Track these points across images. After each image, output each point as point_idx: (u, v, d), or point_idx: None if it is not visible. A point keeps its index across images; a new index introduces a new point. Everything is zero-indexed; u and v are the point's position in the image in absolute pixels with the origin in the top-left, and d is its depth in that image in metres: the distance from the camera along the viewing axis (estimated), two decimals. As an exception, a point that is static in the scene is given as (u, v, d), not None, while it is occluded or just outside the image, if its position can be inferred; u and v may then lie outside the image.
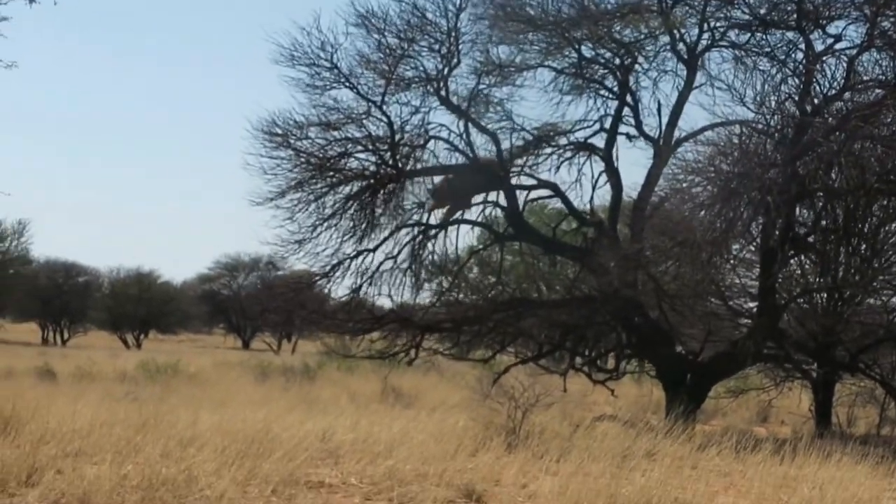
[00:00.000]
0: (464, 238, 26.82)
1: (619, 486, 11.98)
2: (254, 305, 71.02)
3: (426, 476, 12.33)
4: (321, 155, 22.70)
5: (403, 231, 23.44)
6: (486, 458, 13.80)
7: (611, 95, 23.91)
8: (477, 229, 24.60)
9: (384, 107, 22.72)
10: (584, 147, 24.08)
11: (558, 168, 24.05)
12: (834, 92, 21.19)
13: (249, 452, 12.46)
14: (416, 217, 23.71)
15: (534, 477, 12.87)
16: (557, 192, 23.96)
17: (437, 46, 22.78)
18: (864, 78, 21.43)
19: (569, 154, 24.09)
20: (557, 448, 15.06)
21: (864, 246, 23.80)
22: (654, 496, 11.74)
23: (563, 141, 24.19)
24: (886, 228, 23.86)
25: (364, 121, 22.84)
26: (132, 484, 10.53)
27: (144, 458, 11.59)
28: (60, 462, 11.70)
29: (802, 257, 23.14)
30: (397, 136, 22.80)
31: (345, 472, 12.48)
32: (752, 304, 23.69)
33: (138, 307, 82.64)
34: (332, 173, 22.75)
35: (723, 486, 13.91)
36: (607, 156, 23.65)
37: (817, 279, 23.32)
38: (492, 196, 23.78)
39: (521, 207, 23.90)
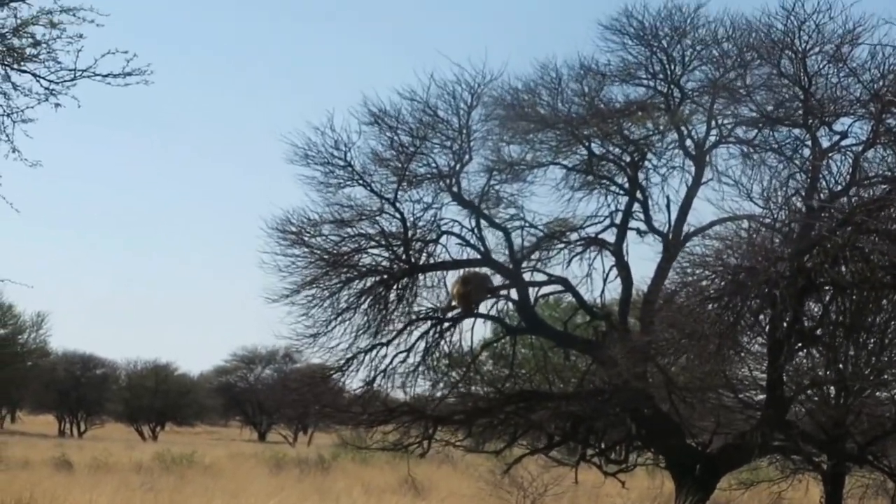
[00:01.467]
0: (477, 332, 27.07)
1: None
2: (270, 398, 71.25)
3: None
4: (335, 251, 23.09)
5: (416, 325, 23.71)
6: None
7: (621, 191, 24.20)
8: (489, 323, 24.78)
9: (397, 203, 23.09)
10: (595, 242, 24.35)
11: (569, 263, 24.33)
12: (840, 187, 21.49)
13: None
14: (429, 312, 23.96)
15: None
16: (568, 286, 24.24)
17: (448, 143, 23.20)
18: (870, 174, 21.78)
19: (580, 249, 24.36)
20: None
21: (872, 340, 24.04)
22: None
23: (574, 236, 24.47)
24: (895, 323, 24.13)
25: (377, 217, 23.21)
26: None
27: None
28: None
29: (810, 350, 23.33)
30: (410, 232, 23.16)
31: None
32: (762, 397, 23.87)
33: (155, 399, 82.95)
34: (345, 269, 23.09)
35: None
36: (618, 250, 23.93)
37: (826, 372, 23.50)
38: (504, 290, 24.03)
39: (532, 302, 24.17)
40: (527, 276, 24.03)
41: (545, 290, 24.75)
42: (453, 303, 23.55)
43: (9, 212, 19.46)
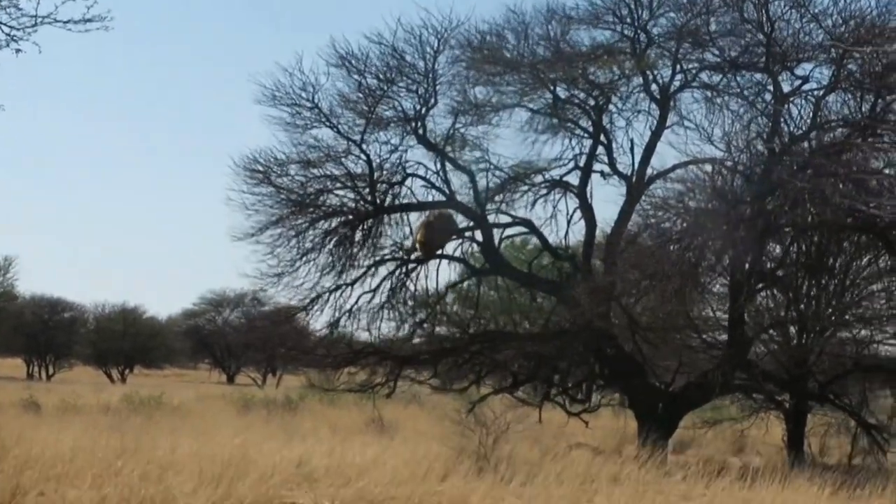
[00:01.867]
0: (443, 273, 27.33)
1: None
2: (237, 340, 71.38)
3: (396, 498, 12.88)
4: (301, 192, 23.27)
5: (381, 266, 23.94)
6: (456, 482, 14.37)
7: (585, 135, 24.46)
8: (455, 264, 25.00)
9: (363, 145, 23.31)
10: (560, 185, 24.62)
11: (534, 205, 24.62)
12: (801, 131, 21.84)
13: (226, 475, 13.01)
14: (394, 253, 24.20)
15: (500, 499, 13.40)
16: (532, 228, 24.55)
17: (415, 87, 23.38)
18: (830, 118, 22.12)
19: (544, 191, 24.63)
20: (526, 473, 15.61)
21: (833, 281, 24.42)
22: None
23: (538, 179, 24.75)
24: (857, 263, 24.51)
25: (343, 159, 23.43)
26: (111, 504, 11.10)
27: (123, 481, 12.13)
28: (43, 485, 12.25)
29: (771, 291, 23.68)
30: (376, 174, 23.37)
31: (318, 495, 13.05)
32: (724, 337, 24.20)
33: (123, 342, 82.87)
34: (311, 209, 23.28)
35: (686, 511, 14.49)
36: (581, 193, 24.18)
37: (787, 312, 23.86)
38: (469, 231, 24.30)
39: (497, 243, 24.43)
40: (491, 218, 24.31)
41: (510, 231, 25.07)
42: (416, 247, 23.73)
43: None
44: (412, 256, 24.06)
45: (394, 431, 25.95)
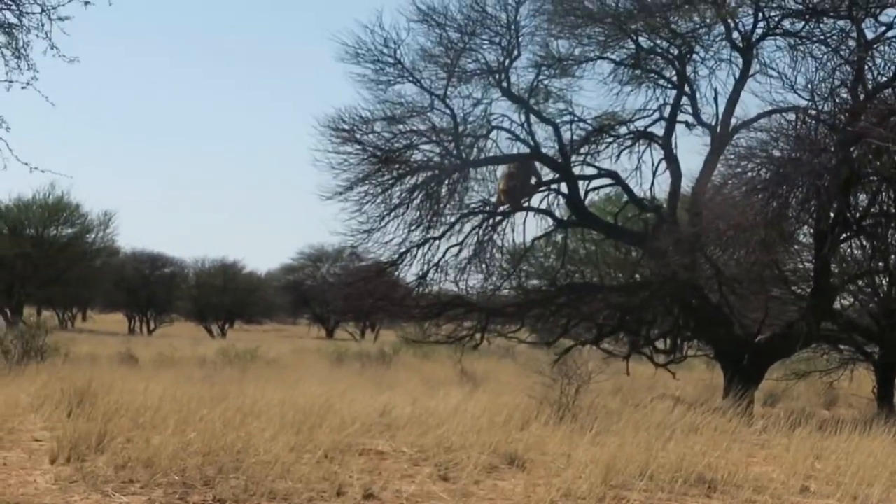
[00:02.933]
0: (529, 225, 27.54)
1: (655, 455, 12.83)
2: (330, 295, 72.07)
3: (474, 445, 13.22)
4: (387, 148, 23.38)
5: (468, 219, 24.15)
6: (535, 430, 14.72)
7: (669, 85, 24.53)
8: (541, 216, 25.12)
9: (447, 99, 23.40)
10: (644, 136, 24.74)
11: (618, 157, 24.75)
12: (885, 79, 21.76)
13: (307, 422, 13.48)
14: (481, 206, 24.32)
15: (577, 446, 13.70)
16: (618, 180, 24.64)
17: (497, 39, 23.45)
18: (916, 65, 22.00)
19: (629, 143, 24.76)
20: (605, 422, 15.92)
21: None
22: (687, 463, 12.55)
23: (623, 130, 24.88)
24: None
25: (428, 113, 23.50)
26: (193, 449, 11.58)
27: (207, 427, 12.63)
28: (130, 432, 12.80)
29: (857, 240, 23.62)
30: (460, 128, 23.46)
31: (397, 441, 13.46)
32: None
33: (223, 297, 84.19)
34: (397, 165, 23.41)
35: (762, 457, 14.69)
36: (666, 144, 24.25)
37: (873, 262, 23.78)
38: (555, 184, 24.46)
39: (583, 196, 24.60)
40: (577, 171, 24.45)
41: (595, 183, 25.07)
42: (500, 197, 23.92)
43: (50, 109, 20.13)
44: (498, 209, 24.24)
45: (485, 383, 26.34)
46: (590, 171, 24.71)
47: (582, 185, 24.51)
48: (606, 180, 24.91)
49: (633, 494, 11.29)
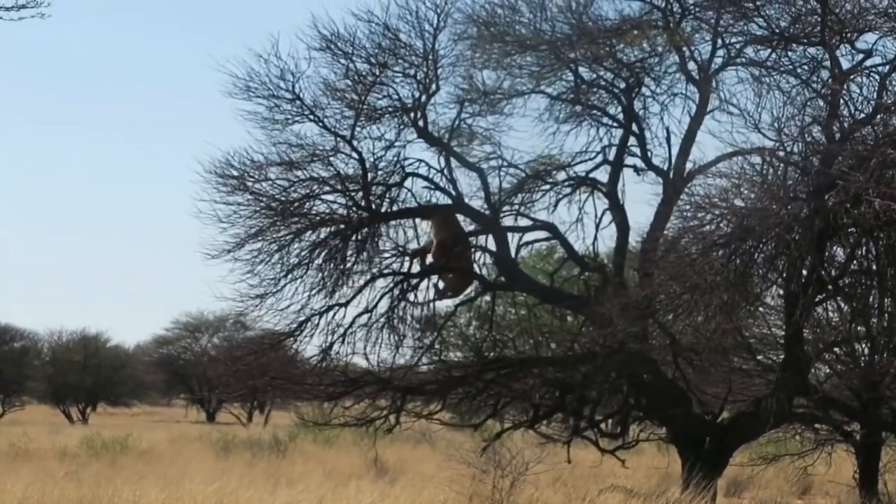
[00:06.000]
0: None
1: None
2: (215, 372, 71.62)
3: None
4: (283, 198, 23.16)
5: (380, 282, 23.93)
6: (465, 534, 14.70)
7: (614, 123, 24.70)
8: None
9: (354, 141, 23.25)
10: (586, 182, 24.81)
11: (556, 206, 24.80)
12: (864, 115, 21.97)
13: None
14: (394, 266, 24.08)
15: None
16: (555, 233, 24.68)
17: (412, 71, 23.36)
18: (899, 98, 22.26)
19: (568, 191, 24.83)
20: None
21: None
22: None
23: (561, 176, 24.99)
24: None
25: (331, 158, 23.36)
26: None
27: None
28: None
29: (834, 302, 23.78)
30: (370, 175, 23.35)
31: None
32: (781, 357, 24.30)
33: (84, 376, 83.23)
34: (296, 219, 23.21)
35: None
36: (611, 191, 24.36)
37: (853, 326, 23.92)
38: (480, 239, 24.41)
39: (514, 253, 24.59)
40: (507, 223, 24.48)
41: (529, 237, 25.09)
42: (426, 252, 23.72)
43: None
44: (420, 264, 24.02)
45: (397, 475, 26.22)
46: (523, 223, 24.76)
47: (514, 241, 24.54)
48: (541, 234, 24.96)
49: None
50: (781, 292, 22.89)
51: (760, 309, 23.98)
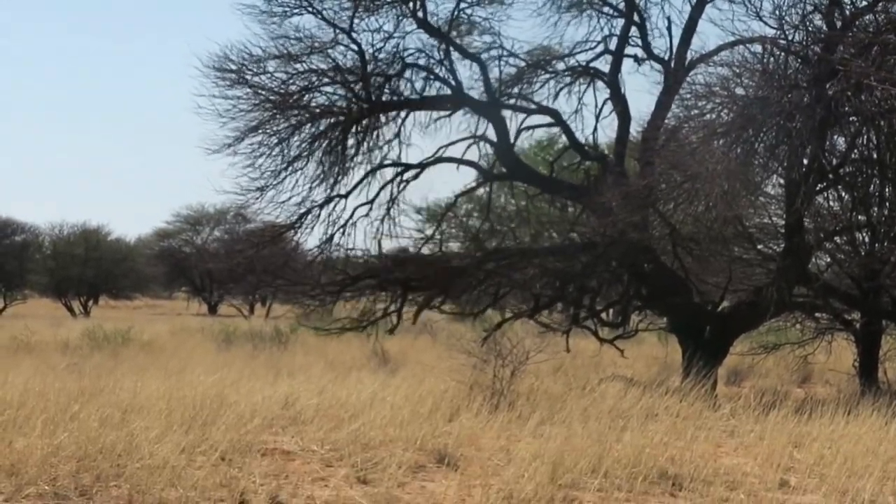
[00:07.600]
0: (453, 179, 27.31)
1: (609, 447, 12.88)
2: (216, 265, 71.60)
3: (396, 441, 13.22)
4: (282, 91, 23.14)
5: (379, 173, 24.00)
6: (465, 422, 14.72)
7: (615, 13, 24.54)
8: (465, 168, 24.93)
9: (353, 33, 23.18)
10: (586, 72, 24.74)
11: (556, 96, 24.77)
12: (865, 2, 21.81)
13: (198, 419, 13.40)
14: (393, 156, 24.13)
15: (516, 439, 13.74)
16: (557, 118, 24.59)
17: (412, -41, 23.23)
18: (901, -16, 22.07)
19: (568, 80, 24.78)
20: (547, 409, 15.95)
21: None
22: (646, 457, 12.61)
23: (560, 66, 24.89)
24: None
25: (330, 50, 23.28)
26: (66, 453, 11.46)
27: (80, 427, 12.50)
28: (-14, 435, 12.61)
29: (835, 191, 23.70)
30: (369, 66, 23.31)
31: (305, 439, 13.42)
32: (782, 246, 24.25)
33: (85, 269, 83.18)
34: (295, 111, 23.21)
35: (732, 447, 14.79)
36: (612, 81, 24.27)
37: (853, 215, 23.85)
38: (480, 129, 24.31)
39: (513, 140, 24.51)
40: (507, 113, 24.33)
41: (529, 122, 24.97)
42: None
43: None
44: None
45: (398, 366, 26.24)
46: (523, 111, 24.59)
47: (513, 129, 24.44)
48: (543, 119, 24.85)
49: (586, 495, 11.37)
50: (782, 181, 22.86)
51: (761, 198, 23.87)
